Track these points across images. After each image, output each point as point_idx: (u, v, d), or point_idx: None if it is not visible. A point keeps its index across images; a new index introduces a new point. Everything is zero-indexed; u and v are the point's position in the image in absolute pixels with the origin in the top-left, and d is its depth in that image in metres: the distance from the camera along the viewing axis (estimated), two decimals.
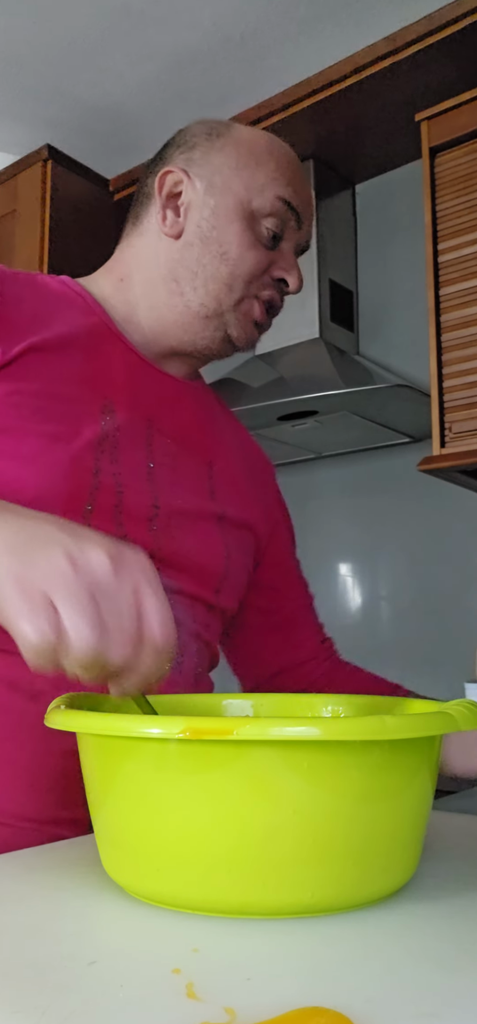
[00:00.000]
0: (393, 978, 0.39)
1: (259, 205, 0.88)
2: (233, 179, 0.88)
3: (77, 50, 2.25)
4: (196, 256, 0.88)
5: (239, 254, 0.87)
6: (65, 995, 0.37)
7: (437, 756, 0.53)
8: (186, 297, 0.89)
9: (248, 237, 0.88)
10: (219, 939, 0.44)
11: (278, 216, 0.88)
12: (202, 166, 0.90)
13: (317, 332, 2.27)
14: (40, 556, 0.51)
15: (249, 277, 0.88)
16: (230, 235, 0.88)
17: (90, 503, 0.78)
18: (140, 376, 0.88)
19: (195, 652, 0.86)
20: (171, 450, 0.88)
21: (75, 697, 0.58)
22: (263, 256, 0.89)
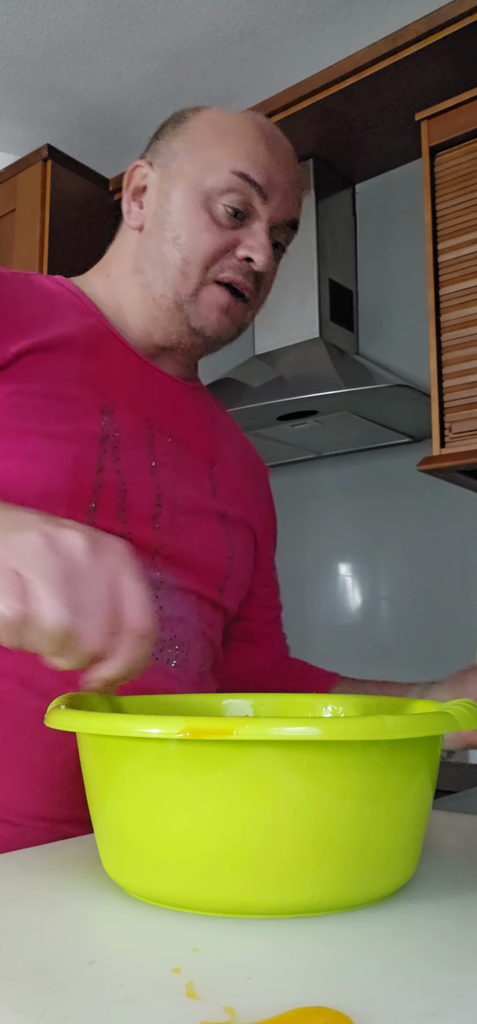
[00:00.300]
0: (393, 978, 0.39)
1: (213, 183, 0.84)
2: (187, 161, 0.86)
3: (77, 49, 2.25)
4: (155, 245, 0.87)
5: (191, 238, 0.84)
6: (65, 995, 0.37)
7: (437, 756, 0.53)
8: (151, 289, 0.87)
9: (202, 219, 0.84)
10: (219, 939, 0.44)
11: (236, 191, 0.84)
12: (163, 155, 0.89)
13: (317, 332, 2.27)
14: (16, 537, 0.51)
15: (204, 261, 0.84)
16: (182, 219, 0.85)
17: (94, 501, 0.78)
18: (139, 376, 0.88)
19: (200, 650, 0.86)
20: (172, 449, 0.87)
21: (75, 697, 0.58)
22: (221, 236, 0.84)
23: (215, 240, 0.84)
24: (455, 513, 2.26)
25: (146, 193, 0.89)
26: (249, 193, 0.85)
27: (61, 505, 0.75)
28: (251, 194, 0.85)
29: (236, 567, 0.91)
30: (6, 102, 2.48)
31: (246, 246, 0.85)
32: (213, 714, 0.68)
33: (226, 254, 0.85)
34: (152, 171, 0.89)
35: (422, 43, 1.96)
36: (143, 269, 0.88)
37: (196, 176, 0.85)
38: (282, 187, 0.87)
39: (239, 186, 0.84)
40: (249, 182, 0.84)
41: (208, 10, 2.10)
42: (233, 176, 0.84)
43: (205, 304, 0.86)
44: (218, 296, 0.85)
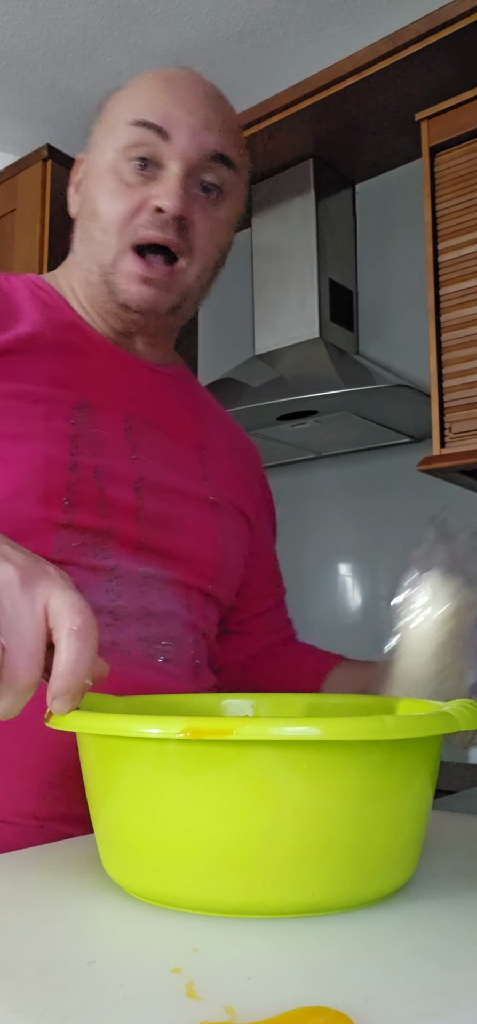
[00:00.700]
0: (393, 978, 0.39)
1: (115, 142, 0.83)
2: (98, 136, 0.87)
3: (77, 49, 2.25)
4: (81, 224, 0.88)
5: (104, 205, 0.84)
6: (65, 995, 0.36)
7: (437, 756, 0.53)
8: (82, 267, 0.88)
9: (110, 186, 0.83)
10: (219, 939, 0.44)
11: (139, 143, 0.82)
12: (89, 145, 0.90)
13: (317, 332, 2.27)
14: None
15: (117, 224, 0.82)
16: (96, 191, 0.85)
17: (68, 498, 0.77)
18: (113, 366, 0.87)
19: (191, 643, 0.85)
20: (156, 439, 0.87)
21: None
22: (131, 196, 0.82)
23: (125, 201, 0.82)
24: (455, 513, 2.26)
25: (81, 183, 0.90)
26: (151, 140, 0.82)
27: (33, 504, 0.75)
28: (154, 140, 0.82)
29: (229, 555, 0.89)
30: (6, 102, 2.48)
31: (155, 195, 0.81)
32: (213, 714, 0.68)
33: (139, 212, 0.82)
34: (85, 161, 0.90)
35: (422, 43, 1.96)
36: (76, 250, 0.90)
37: (103, 145, 0.85)
38: (188, 123, 0.83)
39: (139, 136, 0.82)
40: (147, 127, 0.82)
41: (208, 10, 2.10)
42: (130, 127, 0.82)
43: (123, 275, 0.83)
44: (132, 266, 0.83)
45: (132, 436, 0.84)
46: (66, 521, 0.77)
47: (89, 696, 0.60)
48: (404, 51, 1.99)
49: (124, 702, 0.64)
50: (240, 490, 0.95)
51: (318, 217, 2.34)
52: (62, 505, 0.77)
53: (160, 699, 0.68)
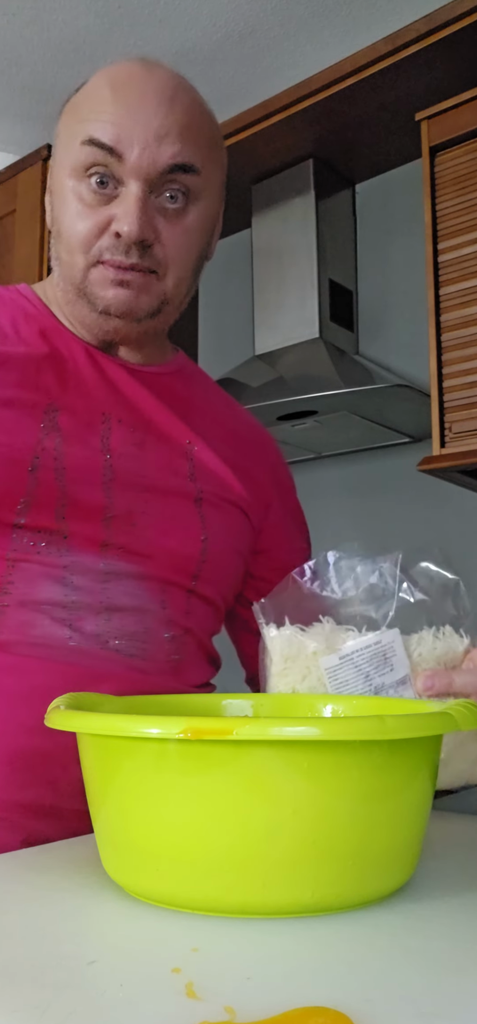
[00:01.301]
0: (393, 978, 0.39)
1: (71, 163, 0.80)
2: (59, 151, 0.84)
3: (77, 49, 2.25)
4: (53, 243, 0.87)
5: (67, 230, 0.82)
6: (65, 995, 0.37)
7: (437, 756, 0.53)
8: (61, 285, 0.87)
9: (71, 207, 0.81)
10: (219, 939, 0.44)
11: (93, 163, 0.79)
12: (52, 153, 0.88)
13: (317, 332, 2.27)
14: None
15: (81, 247, 0.81)
16: (60, 212, 0.83)
17: (25, 498, 0.78)
18: (92, 371, 0.87)
19: (167, 639, 0.84)
20: (136, 439, 0.86)
21: (75, 697, 0.58)
22: (90, 219, 0.80)
23: (84, 224, 0.80)
24: (455, 513, 2.26)
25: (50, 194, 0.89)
26: (104, 159, 0.78)
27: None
28: (107, 159, 0.78)
29: (213, 552, 0.88)
30: (6, 102, 2.48)
31: (115, 218, 0.79)
32: (213, 714, 0.68)
33: (102, 234, 0.81)
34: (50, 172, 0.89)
35: (422, 43, 1.96)
36: (53, 267, 0.89)
37: (64, 163, 0.82)
38: (139, 137, 0.78)
39: (92, 155, 0.79)
40: (98, 146, 0.78)
41: (208, 10, 2.10)
42: (83, 147, 0.79)
43: (97, 284, 0.82)
44: (103, 272, 0.81)
45: (110, 437, 0.84)
46: (19, 522, 0.78)
47: (89, 696, 0.60)
48: (404, 51, 1.99)
49: (124, 702, 0.64)
50: (235, 484, 0.94)
51: (318, 217, 2.34)
52: (16, 508, 0.78)
53: (160, 699, 0.68)
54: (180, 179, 0.81)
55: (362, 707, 0.66)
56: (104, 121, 0.78)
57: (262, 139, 2.23)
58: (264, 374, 2.27)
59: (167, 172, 0.80)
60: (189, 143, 0.81)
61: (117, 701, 0.64)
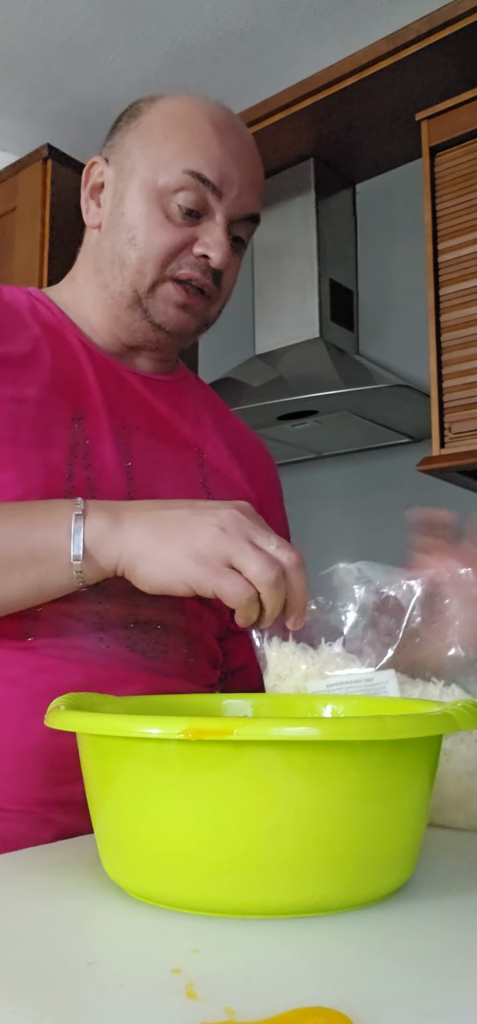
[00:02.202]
0: (393, 978, 0.39)
1: (166, 182, 0.84)
2: (140, 159, 0.86)
3: (77, 48, 2.25)
4: (111, 244, 0.87)
5: (146, 237, 0.84)
6: (65, 995, 0.37)
7: (437, 756, 0.53)
8: (110, 288, 0.88)
9: (156, 218, 0.84)
10: (219, 939, 0.44)
11: (190, 190, 0.84)
12: (117, 152, 0.89)
13: (317, 332, 2.27)
14: (197, 536, 0.65)
15: (160, 259, 0.84)
16: (137, 218, 0.85)
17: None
18: (111, 379, 0.88)
19: (185, 643, 0.86)
20: (154, 446, 0.88)
21: (75, 697, 0.58)
22: (176, 235, 0.84)
23: (170, 238, 0.84)
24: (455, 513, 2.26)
25: (103, 191, 0.89)
26: (203, 191, 0.84)
27: None
28: (205, 192, 0.84)
29: None
30: (6, 101, 2.48)
31: (203, 243, 0.85)
32: (213, 714, 0.68)
33: (183, 251, 0.85)
34: (108, 168, 0.89)
35: (422, 43, 1.96)
36: (102, 269, 0.89)
37: (149, 175, 0.85)
38: (237, 182, 0.86)
39: (192, 184, 0.84)
40: (202, 180, 0.84)
41: (209, 9, 2.10)
42: (185, 175, 0.84)
43: (162, 300, 0.86)
44: (174, 293, 0.86)
45: (127, 447, 0.86)
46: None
47: (89, 696, 0.60)
48: (404, 51, 1.99)
49: (124, 702, 0.64)
50: (244, 486, 0.96)
51: (318, 217, 2.34)
52: None
53: (160, 699, 0.68)
54: (249, 226, 0.89)
55: (362, 707, 0.66)
56: (211, 160, 0.84)
57: (262, 138, 2.23)
58: (264, 374, 2.27)
59: (246, 218, 0.88)
60: (260, 196, 0.91)
61: (117, 701, 0.64)
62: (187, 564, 0.65)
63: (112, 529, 0.69)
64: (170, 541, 0.66)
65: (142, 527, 0.68)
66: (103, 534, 0.69)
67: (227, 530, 0.65)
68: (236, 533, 0.65)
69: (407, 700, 0.66)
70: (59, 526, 0.69)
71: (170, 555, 0.66)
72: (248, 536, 0.65)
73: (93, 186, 0.90)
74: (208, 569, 0.65)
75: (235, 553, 0.64)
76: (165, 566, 0.67)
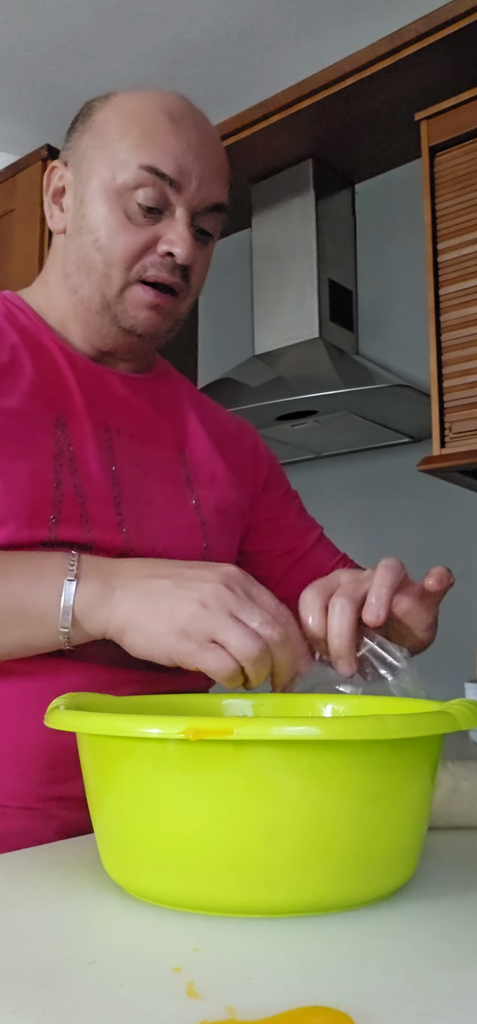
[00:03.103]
0: (393, 978, 0.39)
1: (124, 180, 0.82)
2: (96, 160, 0.85)
3: (76, 49, 2.25)
4: (76, 248, 0.86)
5: (109, 239, 0.83)
6: (65, 995, 0.36)
7: (437, 756, 0.53)
8: (79, 293, 0.87)
9: (117, 218, 0.83)
10: (219, 938, 0.44)
11: (148, 186, 0.82)
12: (74, 154, 0.88)
13: (317, 332, 2.27)
14: (179, 610, 0.65)
15: (124, 262, 0.83)
16: (99, 220, 0.84)
17: (55, 515, 0.79)
18: (90, 382, 0.88)
19: None
20: (135, 448, 0.87)
21: (74, 697, 0.58)
22: (138, 234, 0.83)
23: (133, 239, 0.83)
24: (455, 513, 2.26)
25: (65, 195, 0.88)
26: (161, 186, 0.82)
27: (23, 521, 0.77)
28: (163, 187, 0.82)
29: (213, 555, 0.90)
30: (5, 102, 2.48)
31: (166, 240, 0.83)
32: (213, 714, 0.68)
33: (147, 251, 0.84)
34: (67, 171, 0.88)
35: (422, 43, 1.96)
36: (69, 274, 0.88)
37: (106, 174, 0.84)
38: (196, 173, 0.84)
39: (150, 180, 0.82)
40: (159, 175, 0.82)
41: (208, 9, 2.10)
42: (142, 171, 0.82)
43: (131, 303, 0.85)
44: (142, 295, 0.84)
45: (110, 451, 0.85)
46: (51, 538, 0.78)
47: (89, 696, 0.60)
48: (404, 51, 1.99)
49: (124, 702, 0.64)
50: (226, 482, 0.95)
51: (318, 217, 2.34)
52: (49, 523, 0.78)
53: (160, 699, 0.68)
54: (215, 216, 0.87)
55: (362, 707, 0.66)
56: (167, 153, 0.82)
57: (262, 139, 2.23)
58: (264, 374, 2.27)
59: (209, 208, 0.86)
60: (225, 185, 0.88)
61: (117, 701, 0.64)
62: (170, 640, 0.66)
63: (102, 599, 0.69)
64: (155, 616, 0.67)
65: (130, 599, 0.68)
66: (92, 603, 0.69)
67: (209, 606, 0.64)
68: (218, 608, 0.64)
69: (407, 700, 0.66)
70: (50, 589, 0.70)
71: (154, 629, 0.67)
72: (230, 610, 0.65)
73: (55, 191, 0.89)
74: (191, 644, 0.65)
75: (216, 630, 0.64)
76: (150, 639, 0.67)
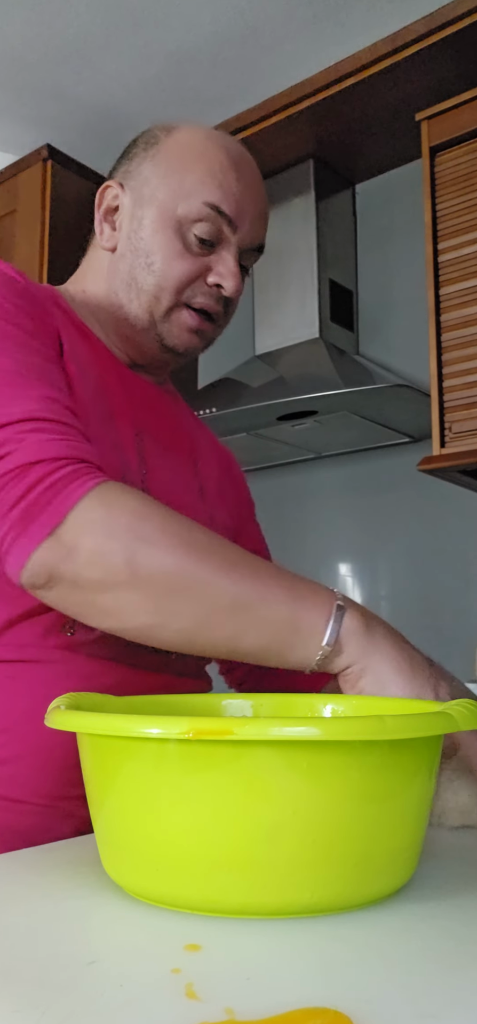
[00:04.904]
0: (393, 978, 0.39)
1: (185, 212, 0.87)
2: (160, 188, 0.89)
3: (77, 50, 2.25)
4: (128, 268, 0.90)
5: (165, 264, 0.87)
6: (65, 995, 0.37)
7: (437, 756, 0.53)
8: (125, 310, 0.90)
9: (175, 247, 0.87)
10: (219, 938, 0.44)
11: (207, 221, 0.87)
12: (135, 178, 0.91)
13: (317, 332, 2.27)
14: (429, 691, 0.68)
15: (176, 286, 0.88)
16: (155, 245, 0.88)
17: None
18: (127, 384, 0.91)
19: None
20: (161, 455, 0.90)
21: (74, 697, 0.58)
22: (193, 264, 0.88)
23: (187, 267, 0.88)
24: (455, 513, 2.26)
25: (118, 214, 0.92)
26: (219, 223, 0.88)
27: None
28: (221, 223, 0.88)
29: None
30: (7, 103, 2.48)
31: (217, 273, 0.89)
32: (212, 714, 0.68)
33: (197, 280, 0.88)
34: (123, 193, 0.92)
35: (422, 43, 1.96)
36: (117, 291, 0.91)
37: (168, 204, 0.88)
38: (250, 215, 0.90)
39: (211, 216, 0.87)
40: (219, 213, 0.87)
41: (209, 12, 2.10)
42: (205, 207, 0.87)
43: (177, 325, 0.89)
44: (188, 320, 0.89)
45: (142, 452, 0.88)
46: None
47: (89, 696, 0.60)
48: (404, 51, 1.99)
49: (124, 702, 0.64)
50: (228, 502, 1.00)
51: (318, 217, 2.34)
52: None
53: (160, 699, 0.68)
54: (255, 255, 0.93)
55: (362, 707, 0.66)
56: (228, 194, 0.88)
57: (262, 139, 2.23)
58: (264, 374, 2.27)
59: (254, 249, 0.93)
60: (266, 227, 0.95)
61: (117, 701, 0.64)
62: (427, 690, 0.68)
63: (364, 634, 0.69)
64: (413, 677, 0.68)
65: (391, 647, 0.69)
66: (355, 633, 0.69)
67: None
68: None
69: (407, 700, 0.66)
70: (321, 608, 0.69)
71: (406, 688, 0.67)
72: None
73: (107, 209, 0.92)
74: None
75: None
76: (407, 679, 0.68)
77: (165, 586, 0.67)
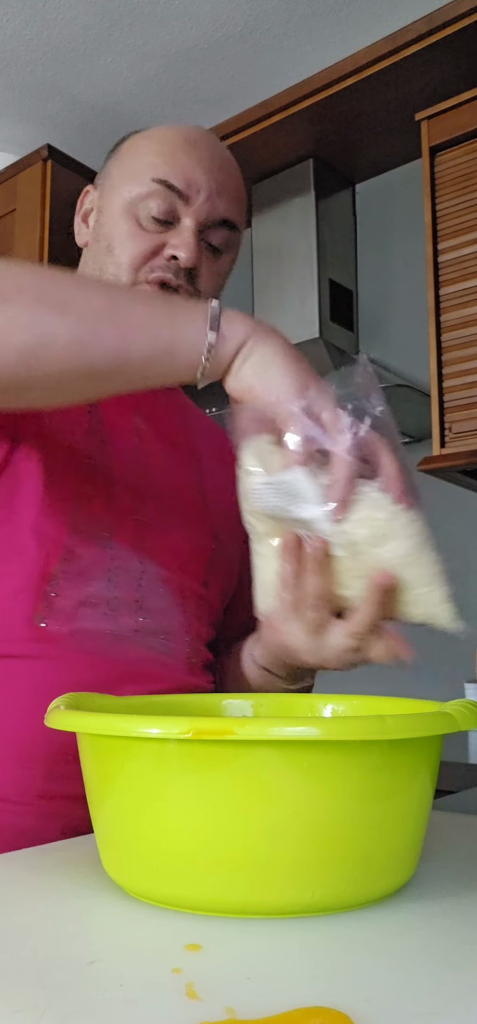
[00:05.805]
0: (393, 978, 0.39)
1: (136, 192, 0.89)
2: (116, 177, 0.92)
3: (77, 49, 2.25)
4: (94, 258, 0.93)
5: (120, 246, 0.89)
6: (65, 995, 0.36)
7: (437, 756, 0.53)
8: None
9: (129, 227, 0.89)
10: (219, 938, 0.44)
11: (158, 198, 0.89)
12: (103, 177, 0.96)
13: (317, 332, 2.27)
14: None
15: (132, 263, 0.89)
16: (113, 230, 0.90)
17: (91, 484, 0.83)
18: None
19: (187, 642, 0.87)
20: (159, 449, 0.91)
21: (74, 697, 0.58)
22: (146, 240, 0.89)
23: (141, 244, 0.89)
24: (455, 513, 2.26)
25: (91, 214, 0.96)
26: (171, 198, 0.89)
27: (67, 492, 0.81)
28: (173, 199, 0.89)
29: (220, 559, 0.93)
30: (6, 102, 2.48)
31: (171, 245, 0.89)
32: (212, 714, 0.68)
33: (154, 256, 0.89)
34: (95, 192, 0.96)
35: (422, 43, 1.96)
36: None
37: (122, 189, 0.91)
38: (205, 187, 0.90)
39: (160, 192, 0.89)
40: (168, 187, 0.89)
41: (208, 10, 2.10)
42: (154, 183, 0.89)
43: None
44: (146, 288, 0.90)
45: (139, 444, 0.89)
46: (83, 501, 0.82)
47: (89, 696, 0.60)
48: (404, 51, 1.99)
49: (124, 702, 0.64)
50: (233, 503, 0.97)
51: (318, 217, 2.34)
52: (76, 494, 0.82)
53: (159, 699, 0.68)
54: (224, 232, 0.93)
55: (362, 707, 0.66)
56: (176, 167, 0.89)
57: (262, 139, 2.23)
58: None
59: (217, 223, 0.91)
60: (235, 205, 0.94)
61: (117, 701, 0.64)
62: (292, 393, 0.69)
63: (249, 318, 0.72)
64: (297, 361, 0.71)
65: (276, 332, 0.72)
66: (239, 316, 0.71)
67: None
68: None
69: (407, 700, 0.66)
70: (197, 305, 0.71)
71: (291, 369, 0.70)
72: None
73: (84, 212, 0.97)
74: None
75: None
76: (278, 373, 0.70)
77: (44, 303, 0.69)
